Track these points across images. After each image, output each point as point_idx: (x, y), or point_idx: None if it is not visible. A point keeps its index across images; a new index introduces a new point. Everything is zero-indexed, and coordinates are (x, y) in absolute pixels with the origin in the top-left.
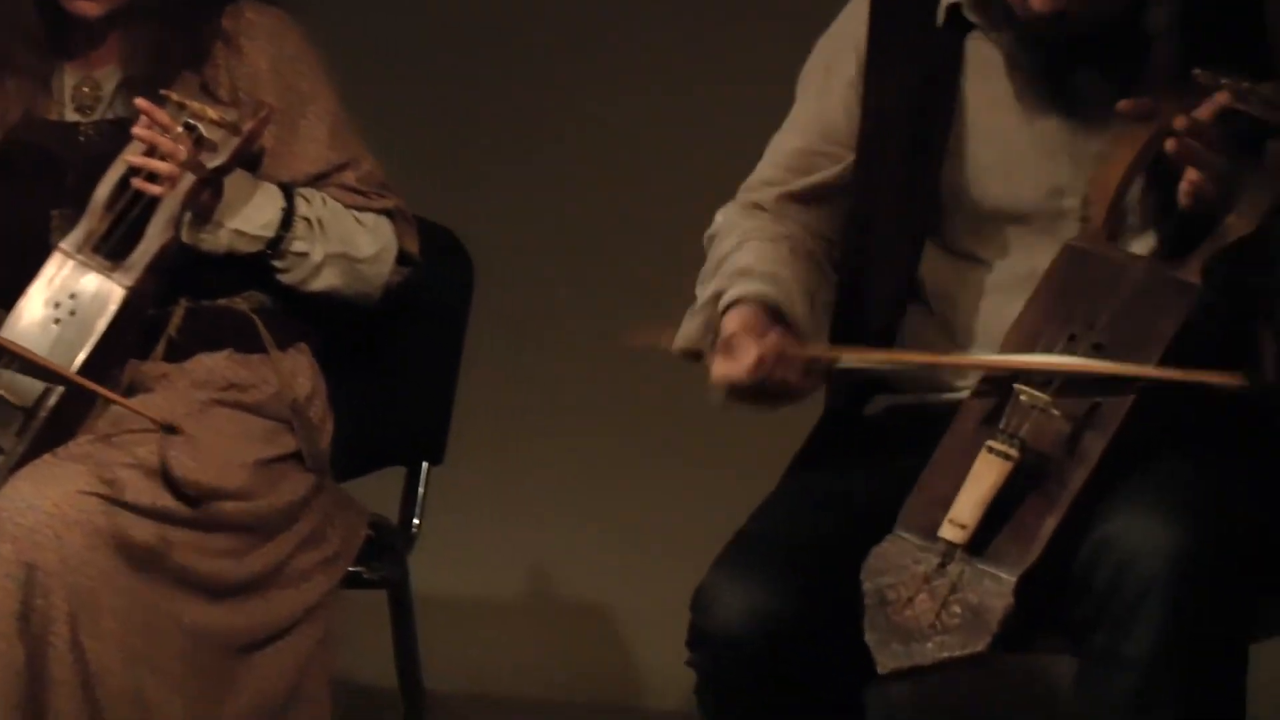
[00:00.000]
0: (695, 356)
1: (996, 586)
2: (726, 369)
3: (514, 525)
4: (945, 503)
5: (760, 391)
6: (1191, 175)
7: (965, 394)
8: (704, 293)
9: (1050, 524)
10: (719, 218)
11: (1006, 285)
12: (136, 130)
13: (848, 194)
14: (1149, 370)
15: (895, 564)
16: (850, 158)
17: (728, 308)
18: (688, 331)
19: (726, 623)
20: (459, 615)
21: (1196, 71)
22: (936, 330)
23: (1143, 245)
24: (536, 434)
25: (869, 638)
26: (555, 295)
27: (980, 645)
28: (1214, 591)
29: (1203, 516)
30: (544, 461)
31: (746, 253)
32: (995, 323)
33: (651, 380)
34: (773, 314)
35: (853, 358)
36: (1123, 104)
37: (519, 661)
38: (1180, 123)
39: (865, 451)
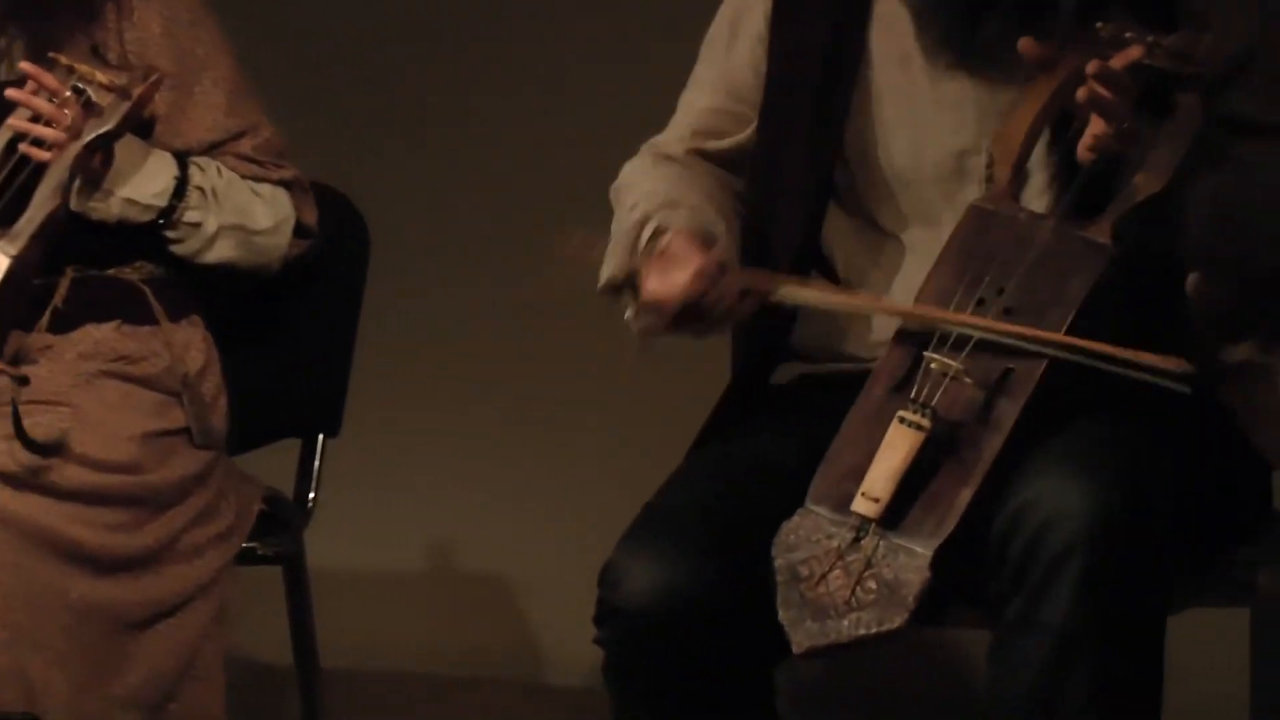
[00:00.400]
0: (615, 291)
1: (912, 560)
2: (662, 283)
3: (413, 498)
4: (857, 475)
5: (693, 312)
6: (1096, 128)
7: (876, 362)
8: (625, 223)
9: (965, 495)
10: (626, 169)
11: (913, 250)
12: (15, 94)
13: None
14: (1095, 345)
15: (807, 539)
16: (756, 119)
17: (657, 235)
18: (613, 261)
19: (635, 598)
20: (356, 591)
21: (1100, 24)
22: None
23: (1049, 204)
24: (436, 404)
25: (782, 616)
26: (454, 262)
27: (897, 621)
28: (1131, 557)
29: (1120, 480)
30: (444, 432)
31: (667, 188)
32: (901, 289)
33: (556, 347)
34: (706, 241)
35: (789, 290)
36: (1024, 42)
37: (419, 638)
38: (1093, 67)
39: (775, 420)
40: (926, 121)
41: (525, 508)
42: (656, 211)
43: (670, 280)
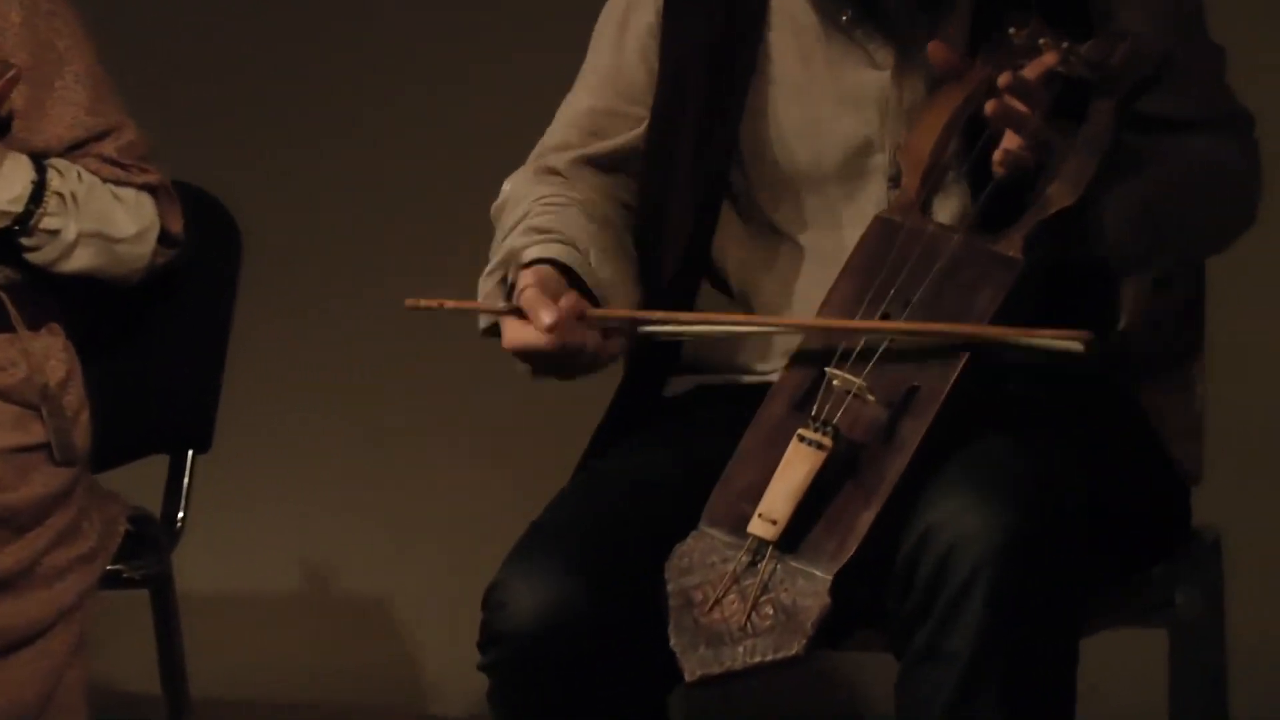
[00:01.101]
0: (493, 332)
1: (811, 585)
2: (520, 333)
3: (287, 516)
4: (754, 496)
5: (558, 358)
6: (1009, 142)
7: (775, 376)
8: (497, 255)
9: (867, 517)
10: (507, 186)
11: (813, 259)
12: None
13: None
14: (983, 330)
15: (701, 562)
16: (648, 118)
17: (522, 269)
18: (484, 295)
19: (521, 622)
20: (227, 615)
21: (1013, 30)
22: (736, 311)
23: (958, 216)
24: (312, 418)
25: (674, 642)
26: (332, 271)
27: (794, 648)
28: (1041, 580)
29: (1028, 500)
30: (321, 447)
31: (540, 216)
32: (801, 302)
33: (438, 360)
34: (569, 277)
35: (656, 319)
36: (934, 47)
37: (294, 665)
38: (1005, 80)
39: (669, 435)
40: (828, 118)
41: (406, 526)
42: (528, 244)
43: (527, 331)
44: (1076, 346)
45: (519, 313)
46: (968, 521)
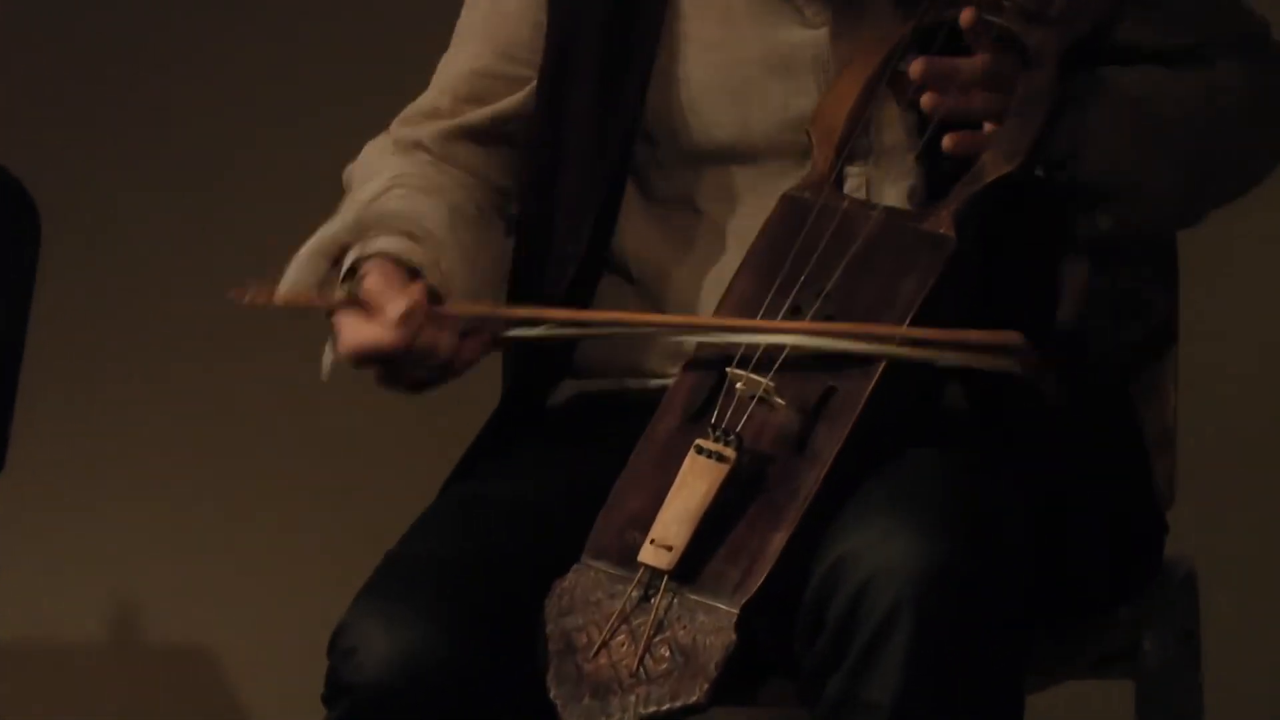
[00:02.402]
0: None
1: (713, 621)
2: (359, 332)
3: (96, 549)
4: (645, 519)
5: (405, 362)
6: (959, 136)
7: (672, 380)
8: (326, 233)
9: (778, 541)
10: (367, 151)
11: (731, 246)
12: None
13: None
14: (906, 331)
15: (584, 600)
16: (535, 81)
17: (363, 260)
18: (296, 279)
19: (372, 671)
20: (26, 662)
21: None
22: (640, 306)
23: (887, 192)
24: (125, 434)
25: (554, 693)
26: (148, 261)
27: (695, 694)
28: (976, 620)
29: (963, 526)
30: (135, 469)
31: (394, 199)
32: (715, 294)
33: (273, 364)
34: (414, 276)
35: (526, 316)
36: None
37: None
38: (918, 69)
39: (549, 451)
40: (755, 83)
41: (235, 562)
42: (371, 233)
43: (366, 331)
44: (1007, 362)
45: (358, 306)
46: (889, 549)
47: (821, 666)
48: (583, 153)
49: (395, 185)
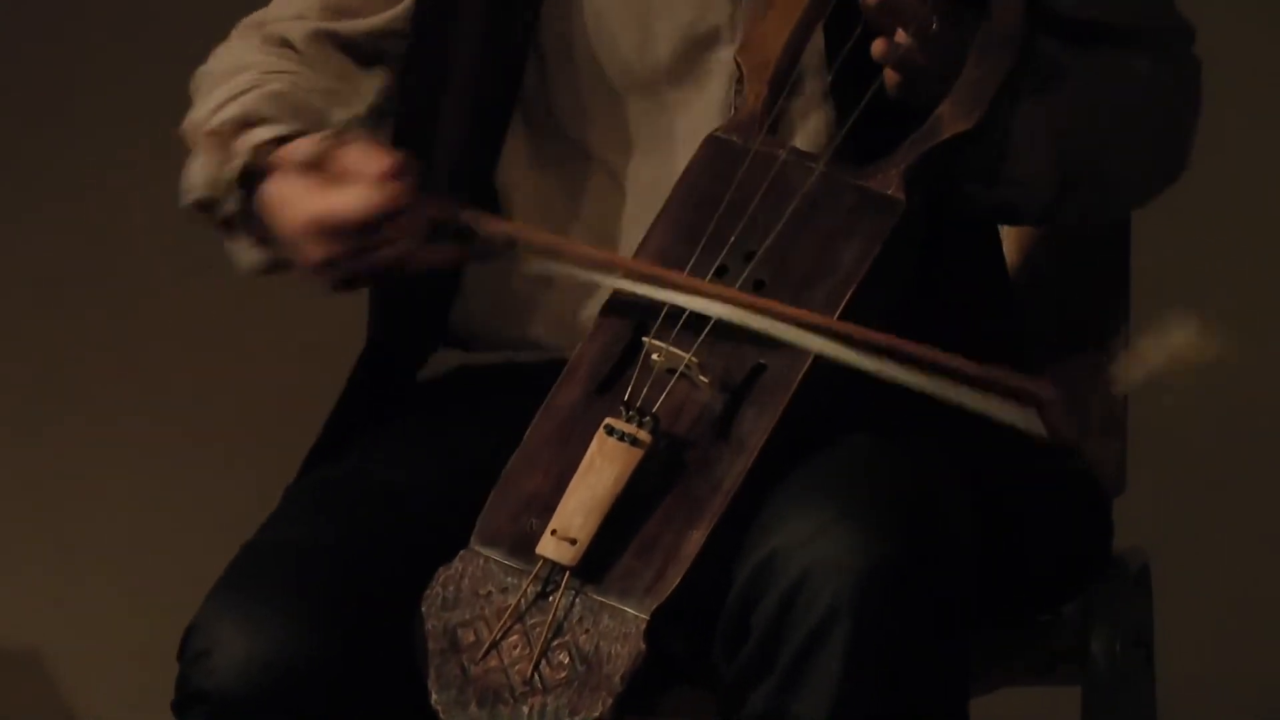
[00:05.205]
0: (206, 210)
1: (620, 626)
2: (327, 199)
3: None
4: (545, 506)
5: (363, 243)
6: (894, 36)
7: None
8: (225, 114)
9: (696, 537)
10: (218, 54)
11: (634, 191)
12: None
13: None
14: (921, 350)
15: (471, 594)
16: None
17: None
18: (202, 171)
19: (229, 676)
20: None
21: None
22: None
23: (819, 141)
24: None
25: (436, 698)
26: None
27: (597, 710)
28: (917, 624)
29: (901, 519)
30: None
31: (283, 83)
32: (612, 239)
33: (110, 333)
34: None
35: (503, 228)
36: None
37: None
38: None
39: (427, 427)
40: (660, 4)
41: (71, 551)
42: (277, 116)
43: (339, 195)
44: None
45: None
46: (824, 545)
47: (746, 677)
48: (466, 79)
49: (272, 74)
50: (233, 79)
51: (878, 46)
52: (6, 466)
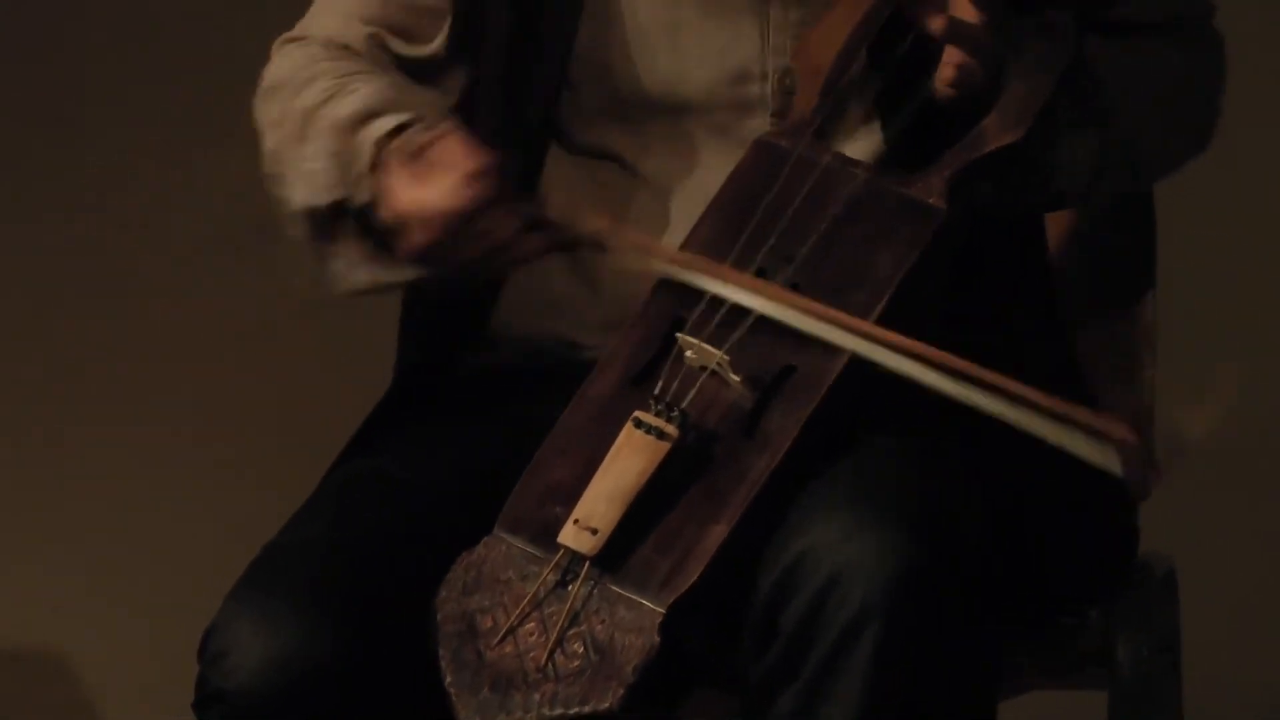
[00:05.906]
0: (317, 222)
1: (635, 618)
2: (423, 191)
3: None
4: (569, 491)
5: (457, 236)
6: (955, 56)
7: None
8: (326, 119)
9: (717, 533)
10: (277, 67)
11: (670, 205)
12: None
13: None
14: (990, 377)
15: (492, 578)
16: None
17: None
18: (327, 170)
19: (247, 676)
20: None
21: None
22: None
23: (864, 146)
24: None
25: (450, 681)
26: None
27: (608, 700)
28: (946, 628)
29: (933, 525)
30: None
31: (373, 83)
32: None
33: (136, 329)
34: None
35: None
36: None
37: None
38: (939, 24)
39: (452, 426)
40: (691, 30)
41: (91, 551)
42: (381, 105)
43: (433, 188)
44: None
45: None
46: (854, 548)
47: (773, 678)
48: (502, 98)
49: (359, 75)
50: (323, 77)
51: (946, 73)
52: (32, 468)
